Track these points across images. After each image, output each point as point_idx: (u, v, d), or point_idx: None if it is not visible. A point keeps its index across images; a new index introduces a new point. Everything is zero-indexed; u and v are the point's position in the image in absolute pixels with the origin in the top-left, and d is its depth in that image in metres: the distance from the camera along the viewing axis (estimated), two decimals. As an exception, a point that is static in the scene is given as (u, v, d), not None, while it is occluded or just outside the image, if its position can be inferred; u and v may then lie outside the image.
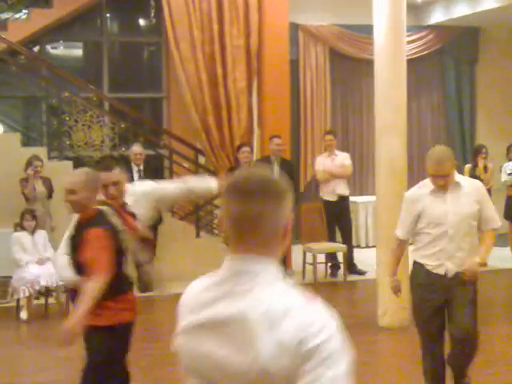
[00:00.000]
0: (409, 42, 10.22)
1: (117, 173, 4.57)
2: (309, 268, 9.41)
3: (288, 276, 6.73)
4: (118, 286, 4.13)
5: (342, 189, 9.83)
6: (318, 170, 9.88)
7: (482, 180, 10.34)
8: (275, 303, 1.74)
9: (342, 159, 9.92)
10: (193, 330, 1.84)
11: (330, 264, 9.83)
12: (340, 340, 1.75)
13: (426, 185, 4.81)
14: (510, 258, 10.21)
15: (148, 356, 6.45)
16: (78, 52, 11.92)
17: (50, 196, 8.81)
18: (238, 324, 1.74)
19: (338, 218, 9.82)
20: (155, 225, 9.21)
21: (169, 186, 4.99)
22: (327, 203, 9.74)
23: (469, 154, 11.41)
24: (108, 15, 11.36)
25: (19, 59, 9.81)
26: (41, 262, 7.86)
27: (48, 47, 11.22)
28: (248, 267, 1.80)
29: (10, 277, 7.99)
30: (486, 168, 10.32)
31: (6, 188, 8.59)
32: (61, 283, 7.87)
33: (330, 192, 9.76)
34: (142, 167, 9.15)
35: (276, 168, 9.06)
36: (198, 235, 9.74)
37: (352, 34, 12.38)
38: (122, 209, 4.49)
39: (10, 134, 9.86)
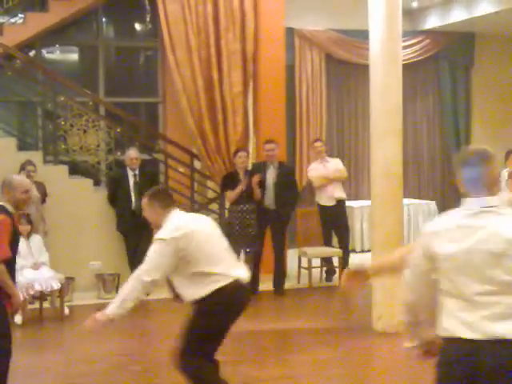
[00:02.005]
0: (404, 47, 10.22)
1: None
2: (304, 272, 9.41)
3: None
4: None
5: (340, 192, 9.87)
6: (314, 177, 9.89)
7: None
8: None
9: (335, 164, 9.95)
10: (460, 246, 2.94)
11: (325, 268, 9.83)
12: None
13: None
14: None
15: (142, 360, 6.43)
16: (73, 56, 11.91)
17: (43, 201, 8.79)
18: (493, 231, 2.90)
19: (336, 222, 9.83)
20: (151, 229, 9.20)
21: None
22: (324, 208, 9.75)
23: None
24: (104, 20, 11.36)
25: (15, 64, 9.80)
26: (35, 266, 7.82)
27: (44, 51, 11.20)
28: (486, 201, 2.97)
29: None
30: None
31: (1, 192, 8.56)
32: (55, 288, 7.86)
33: (329, 197, 9.76)
34: (137, 172, 9.14)
35: (272, 172, 9.04)
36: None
37: (348, 39, 12.40)
38: None
39: (5, 139, 9.83)
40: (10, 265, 4.79)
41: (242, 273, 4.69)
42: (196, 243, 4.50)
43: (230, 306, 4.57)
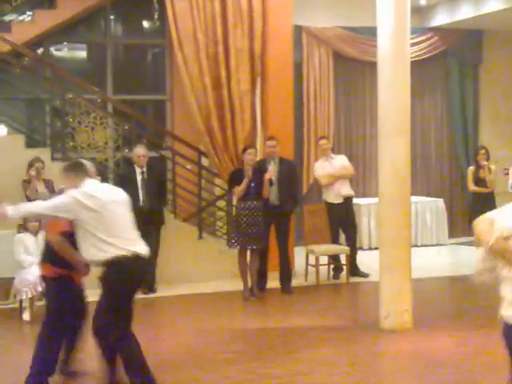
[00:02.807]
0: (412, 45, 10.20)
1: None
2: (311, 270, 9.41)
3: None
4: None
5: (347, 189, 9.87)
6: (321, 175, 9.88)
7: (486, 182, 10.36)
8: None
9: (341, 161, 9.95)
10: None
11: (332, 266, 9.83)
12: None
13: None
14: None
15: (149, 358, 6.43)
16: (81, 54, 11.94)
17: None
18: None
19: (343, 220, 9.82)
20: (158, 226, 9.23)
21: None
22: (332, 206, 9.74)
23: (472, 157, 11.46)
24: (112, 17, 11.38)
25: (23, 61, 9.82)
26: (44, 263, 7.84)
27: (52, 49, 11.23)
28: None
29: (13, 278, 7.98)
30: (489, 169, 10.31)
31: (10, 189, 8.59)
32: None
33: (336, 194, 9.76)
34: (145, 169, 9.15)
35: (273, 168, 9.03)
36: (200, 237, 9.75)
37: (356, 37, 12.39)
38: None
39: (13, 136, 9.87)
40: (72, 239, 5.16)
41: (141, 248, 5.05)
42: (101, 212, 4.91)
43: (127, 277, 4.97)
